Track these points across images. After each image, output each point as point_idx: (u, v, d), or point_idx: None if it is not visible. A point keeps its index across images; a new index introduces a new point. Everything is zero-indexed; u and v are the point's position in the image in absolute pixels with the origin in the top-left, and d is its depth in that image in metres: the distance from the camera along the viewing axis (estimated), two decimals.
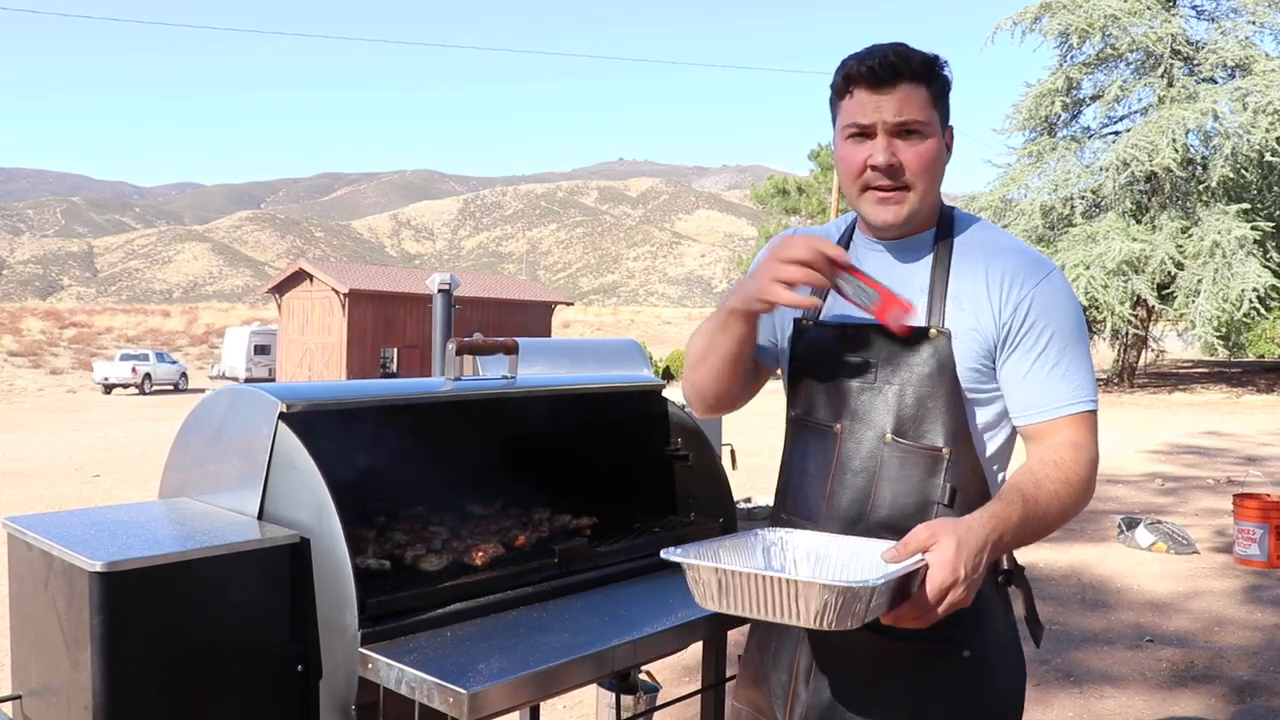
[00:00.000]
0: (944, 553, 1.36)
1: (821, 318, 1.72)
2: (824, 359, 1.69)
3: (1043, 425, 1.57)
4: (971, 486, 1.59)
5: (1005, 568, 1.63)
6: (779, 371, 1.85)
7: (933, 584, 1.35)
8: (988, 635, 1.60)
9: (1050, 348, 1.57)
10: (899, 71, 1.55)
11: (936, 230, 1.66)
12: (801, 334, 1.75)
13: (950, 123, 1.66)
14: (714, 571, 1.39)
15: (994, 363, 1.59)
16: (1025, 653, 1.70)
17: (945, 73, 1.61)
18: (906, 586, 1.37)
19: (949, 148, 1.66)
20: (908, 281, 1.64)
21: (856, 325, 1.66)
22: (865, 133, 1.58)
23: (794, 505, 1.73)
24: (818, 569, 1.53)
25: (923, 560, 1.36)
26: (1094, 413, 1.59)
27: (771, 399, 2.03)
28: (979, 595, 1.57)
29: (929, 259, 1.64)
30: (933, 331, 1.58)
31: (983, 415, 1.61)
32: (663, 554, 1.45)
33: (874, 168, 1.58)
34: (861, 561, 1.50)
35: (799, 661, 1.67)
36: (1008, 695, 1.64)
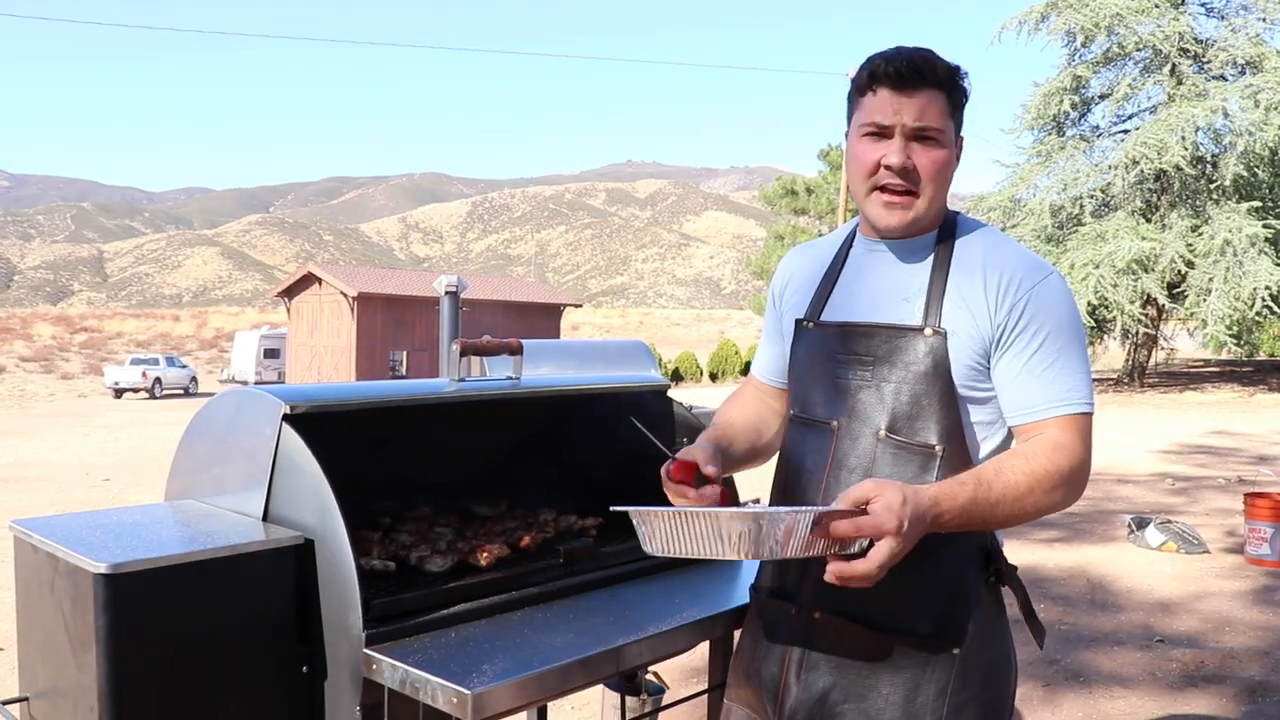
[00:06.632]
0: (890, 499, 1.37)
1: (822, 318, 1.73)
2: (823, 358, 1.71)
3: (1032, 425, 1.58)
4: None
5: (996, 566, 1.64)
6: None
7: (875, 523, 1.35)
8: (978, 633, 1.61)
9: (1044, 349, 1.57)
10: (924, 76, 1.58)
11: (939, 232, 1.68)
12: (801, 335, 1.77)
13: (961, 134, 1.68)
14: (651, 514, 1.46)
15: (990, 362, 1.60)
16: (1032, 654, 1.70)
17: (965, 84, 1.64)
18: (845, 544, 1.38)
19: (958, 158, 1.68)
20: (907, 281, 1.66)
21: (857, 324, 1.68)
22: (883, 132, 1.60)
23: (790, 502, 1.73)
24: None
25: (842, 505, 1.38)
26: (1086, 415, 1.58)
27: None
28: (969, 591, 1.59)
29: (929, 260, 1.66)
30: (928, 331, 1.60)
31: (978, 414, 1.63)
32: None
33: (888, 167, 1.59)
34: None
35: (790, 654, 1.68)
36: (997, 693, 1.65)
